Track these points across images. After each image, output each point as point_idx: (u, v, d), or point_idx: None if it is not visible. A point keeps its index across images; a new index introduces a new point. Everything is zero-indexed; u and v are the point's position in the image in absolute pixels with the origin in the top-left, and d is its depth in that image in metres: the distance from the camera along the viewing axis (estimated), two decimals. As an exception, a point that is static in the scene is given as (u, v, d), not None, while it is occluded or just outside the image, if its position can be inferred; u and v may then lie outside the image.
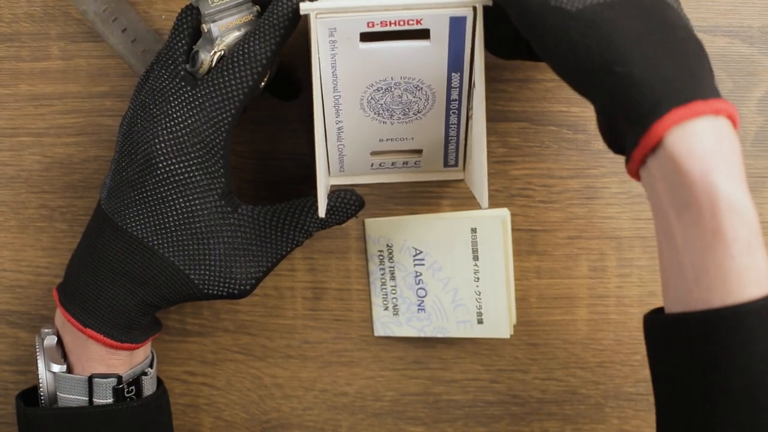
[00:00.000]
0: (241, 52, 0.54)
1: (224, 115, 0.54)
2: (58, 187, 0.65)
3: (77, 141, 0.65)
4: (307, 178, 0.65)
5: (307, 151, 0.65)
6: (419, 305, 0.65)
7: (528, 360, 0.66)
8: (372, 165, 0.62)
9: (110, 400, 0.57)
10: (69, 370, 0.57)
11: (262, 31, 0.54)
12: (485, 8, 0.53)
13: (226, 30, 0.55)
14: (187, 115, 0.54)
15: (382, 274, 0.65)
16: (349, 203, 0.59)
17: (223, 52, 0.55)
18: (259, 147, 0.65)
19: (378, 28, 0.53)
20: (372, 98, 0.57)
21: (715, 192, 0.44)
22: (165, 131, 0.54)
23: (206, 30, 0.55)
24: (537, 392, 0.67)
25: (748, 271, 0.44)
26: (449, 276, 0.64)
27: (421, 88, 0.56)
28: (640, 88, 0.45)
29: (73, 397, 0.57)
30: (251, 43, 0.54)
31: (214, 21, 0.55)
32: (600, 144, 0.64)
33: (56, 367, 0.57)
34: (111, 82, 0.64)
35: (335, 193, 0.59)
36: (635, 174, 0.48)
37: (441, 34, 0.53)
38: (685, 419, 0.48)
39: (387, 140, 0.60)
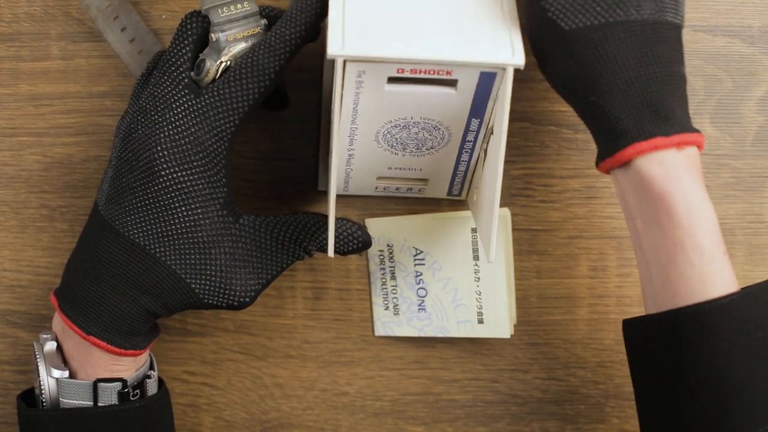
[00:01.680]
0: (249, 64, 0.53)
1: (227, 125, 0.54)
2: (58, 186, 0.65)
3: (77, 141, 0.65)
4: (308, 178, 0.65)
5: (307, 151, 0.65)
6: (420, 305, 0.65)
7: (528, 360, 0.66)
8: (376, 188, 0.62)
9: (113, 404, 0.56)
10: (71, 376, 0.57)
11: (273, 44, 0.53)
12: None
13: (233, 41, 0.55)
14: (190, 123, 0.54)
15: (383, 274, 0.65)
16: (354, 237, 0.58)
17: (229, 63, 0.54)
18: (259, 147, 0.65)
19: (407, 75, 0.52)
20: (388, 132, 0.56)
21: (674, 208, 0.48)
22: (167, 139, 0.54)
23: (214, 39, 0.55)
24: (537, 392, 0.67)
25: (711, 277, 0.47)
26: (449, 276, 0.64)
27: (439, 128, 0.56)
28: (609, 120, 0.49)
29: (77, 402, 0.56)
30: (260, 55, 0.53)
31: (222, 31, 0.54)
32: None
33: (58, 373, 0.56)
34: (111, 82, 0.64)
35: (342, 221, 0.58)
36: (605, 171, 0.52)
37: (468, 85, 0.53)
38: (659, 417, 0.50)
39: (395, 169, 0.59)
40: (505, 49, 0.51)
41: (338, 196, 0.63)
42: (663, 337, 0.49)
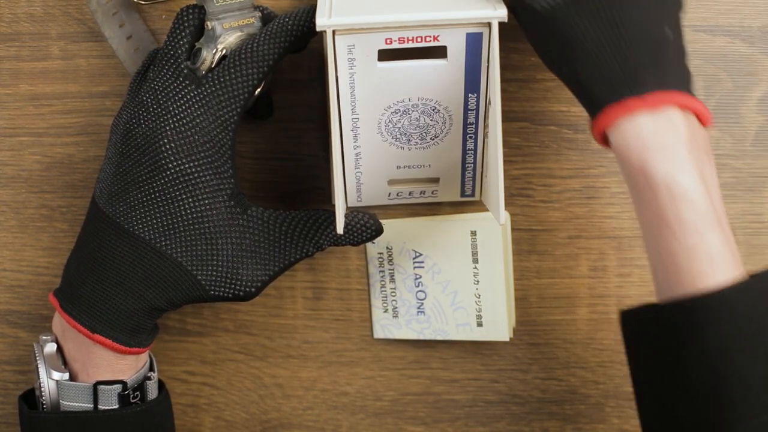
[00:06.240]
0: (249, 50, 0.53)
1: (230, 113, 0.54)
2: (58, 186, 0.65)
3: (77, 141, 0.65)
4: (308, 178, 0.65)
5: (307, 150, 0.65)
6: (419, 308, 0.65)
7: (528, 360, 0.66)
8: (389, 194, 0.61)
9: (116, 407, 0.56)
10: (72, 378, 0.57)
11: (274, 32, 0.54)
12: None
13: (229, 29, 0.55)
14: (194, 114, 0.54)
15: (382, 277, 0.65)
16: (366, 226, 0.58)
17: (225, 51, 0.55)
18: (259, 147, 0.65)
19: (396, 45, 0.53)
20: (390, 121, 0.56)
21: (653, 181, 0.47)
22: (172, 131, 0.54)
23: (209, 27, 0.55)
24: (537, 392, 0.67)
25: (697, 251, 0.46)
26: (449, 279, 0.64)
27: (438, 110, 0.56)
28: (582, 87, 0.49)
29: (77, 405, 0.56)
30: (260, 42, 0.54)
31: (218, 19, 0.55)
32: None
33: (58, 375, 0.56)
34: (111, 82, 0.64)
35: (354, 213, 0.58)
36: (605, 146, 0.50)
37: (458, 52, 0.54)
38: (655, 411, 0.50)
39: (404, 167, 0.59)
40: (488, 7, 0.53)
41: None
42: (652, 331, 0.48)
